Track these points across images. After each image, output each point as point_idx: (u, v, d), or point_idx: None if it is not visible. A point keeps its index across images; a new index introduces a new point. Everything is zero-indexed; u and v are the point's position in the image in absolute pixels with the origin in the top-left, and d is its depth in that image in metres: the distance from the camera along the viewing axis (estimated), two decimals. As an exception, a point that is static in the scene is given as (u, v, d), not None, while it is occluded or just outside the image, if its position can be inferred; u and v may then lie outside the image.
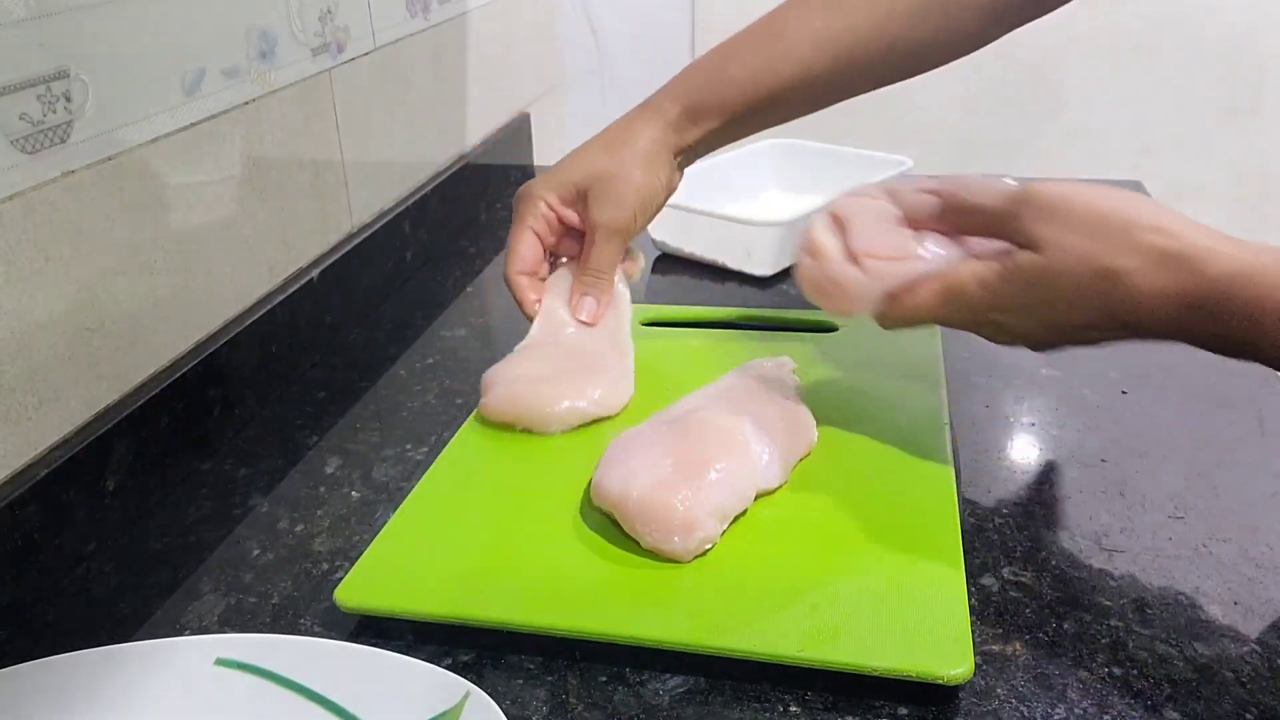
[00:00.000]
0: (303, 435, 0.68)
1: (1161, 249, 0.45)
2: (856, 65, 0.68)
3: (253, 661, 0.43)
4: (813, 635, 0.45)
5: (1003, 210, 0.49)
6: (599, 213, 0.66)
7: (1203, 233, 0.46)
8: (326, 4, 0.79)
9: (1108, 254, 0.46)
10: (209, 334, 0.68)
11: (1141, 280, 0.45)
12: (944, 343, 0.71)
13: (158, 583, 0.55)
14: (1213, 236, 0.45)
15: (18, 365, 0.53)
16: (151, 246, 0.62)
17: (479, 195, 1.08)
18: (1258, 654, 0.46)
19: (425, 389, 0.73)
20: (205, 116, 0.66)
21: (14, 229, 0.52)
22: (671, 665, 0.46)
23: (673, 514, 0.50)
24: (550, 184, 0.68)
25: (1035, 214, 0.48)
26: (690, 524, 0.50)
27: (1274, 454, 0.60)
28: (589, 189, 0.66)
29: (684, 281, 0.88)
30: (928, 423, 0.61)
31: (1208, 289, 0.44)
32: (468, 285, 0.91)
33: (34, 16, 0.52)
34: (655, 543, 0.50)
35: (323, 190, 0.80)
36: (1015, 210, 0.49)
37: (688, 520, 0.50)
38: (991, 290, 0.49)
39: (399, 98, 0.92)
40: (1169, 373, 0.69)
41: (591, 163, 0.67)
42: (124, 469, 0.58)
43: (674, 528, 0.50)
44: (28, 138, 0.52)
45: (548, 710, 0.45)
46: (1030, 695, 0.44)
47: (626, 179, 0.66)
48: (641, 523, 0.51)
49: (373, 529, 0.57)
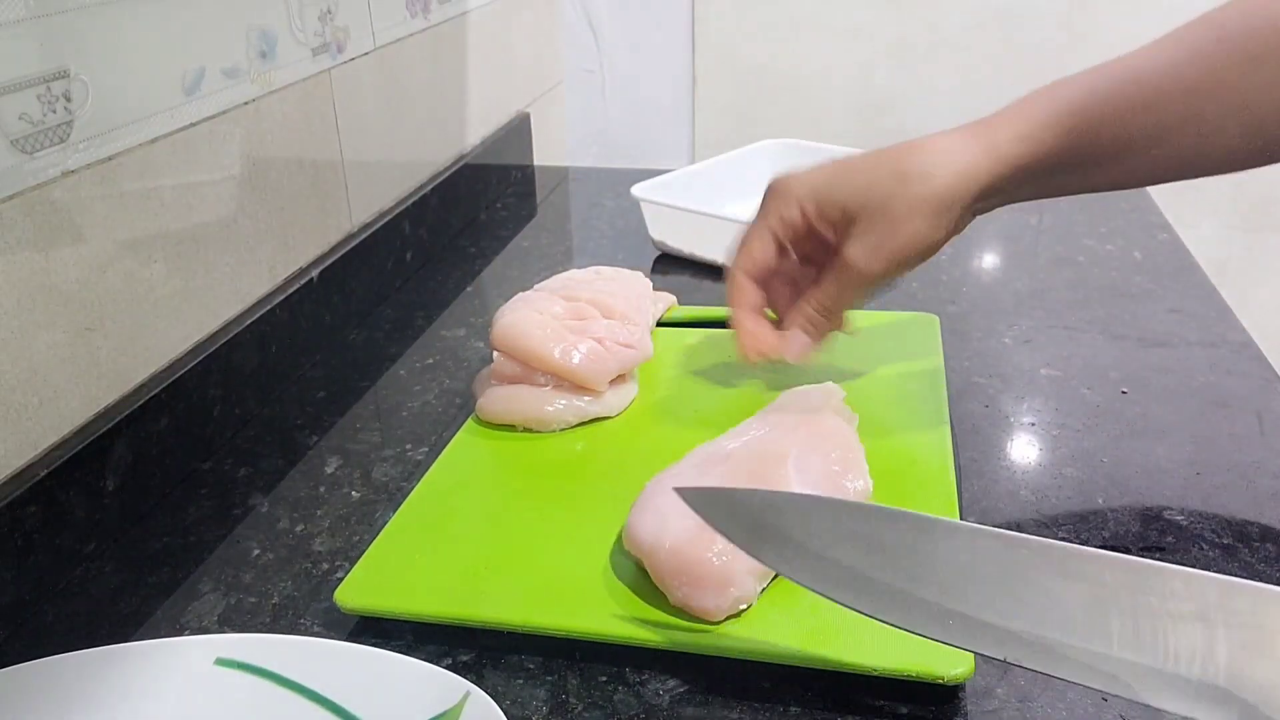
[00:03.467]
0: (303, 435, 0.68)
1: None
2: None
3: (253, 661, 0.43)
4: (813, 635, 0.45)
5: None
6: (858, 251, 0.54)
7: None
8: (326, 4, 0.79)
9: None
10: (209, 334, 0.68)
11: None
12: (944, 343, 0.71)
13: (158, 583, 0.55)
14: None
15: (18, 365, 0.53)
16: (151, 246, 0.62)
17: (479, 195, 1.08)
18: (1258, 654, 0.46)
19: (425, 389, 0.73)
20: (205, 116, 0.66)
21: (14, 229, 0.52)
22: (671, 665, 0.46)
23: (707, 570, 0.45)
24: (814, 190, 0.56)
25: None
26: (725, 581, 0.45)
27: (1274, 454, 0.60)
28: (857, 216, 0.54)
29: (684, 281, 0.88)
30: (928, 422, 0.61)
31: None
32: (468, 285, 0.91)
33: (34, 16, 0.52)
34: (684, 599, 0.46)
35: (323, 190, 0.80)
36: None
37: (723, 577, 0.45)
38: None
39: (399, 98, 0.92)
40: (1169, 373, 0.69)
41: (869, 185, 0.54)
42: (124, 469, 0.58)
43: (707, 584, 0.45)
44: (28, 138, 0.52)
45: (548, 710, 0.45)
46: (1030, 695, 0.44)
47: (904, 222, 0.53)
48: (672, 576, 0.46)
49: (373, 529, 0.57)
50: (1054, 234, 0.94)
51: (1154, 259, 0.88)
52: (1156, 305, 0.79)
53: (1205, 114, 0.51)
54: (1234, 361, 0.70)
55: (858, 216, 0.54)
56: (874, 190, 0.54)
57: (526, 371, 0.63)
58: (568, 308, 0.67)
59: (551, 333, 0.63)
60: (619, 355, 0.64)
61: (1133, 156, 0.53)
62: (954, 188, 0.53)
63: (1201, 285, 0.82)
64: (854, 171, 0.55)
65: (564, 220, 1.09)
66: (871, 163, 0.55)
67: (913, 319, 0.74)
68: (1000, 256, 0.91)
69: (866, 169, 0.55)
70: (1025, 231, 0.95)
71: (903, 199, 0.53)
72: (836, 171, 0.56)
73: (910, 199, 0.52)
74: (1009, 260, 0.90)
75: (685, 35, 1.43)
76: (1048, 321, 0.77)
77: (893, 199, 0.53)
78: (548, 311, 0.66)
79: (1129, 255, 0.89)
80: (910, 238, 0.53)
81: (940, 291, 0.83)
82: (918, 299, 0.82)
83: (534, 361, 0.63)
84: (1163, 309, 0.78)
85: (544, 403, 0.63)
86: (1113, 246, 0.90)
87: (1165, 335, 0.74)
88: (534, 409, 0.63)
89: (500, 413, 0.63)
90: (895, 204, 0.53)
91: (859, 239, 0.54)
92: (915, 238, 0.53)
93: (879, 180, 0.54)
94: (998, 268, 0.89)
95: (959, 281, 0.85)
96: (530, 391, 0.63)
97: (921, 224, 0.53)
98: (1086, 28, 1.32)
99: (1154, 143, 0.52)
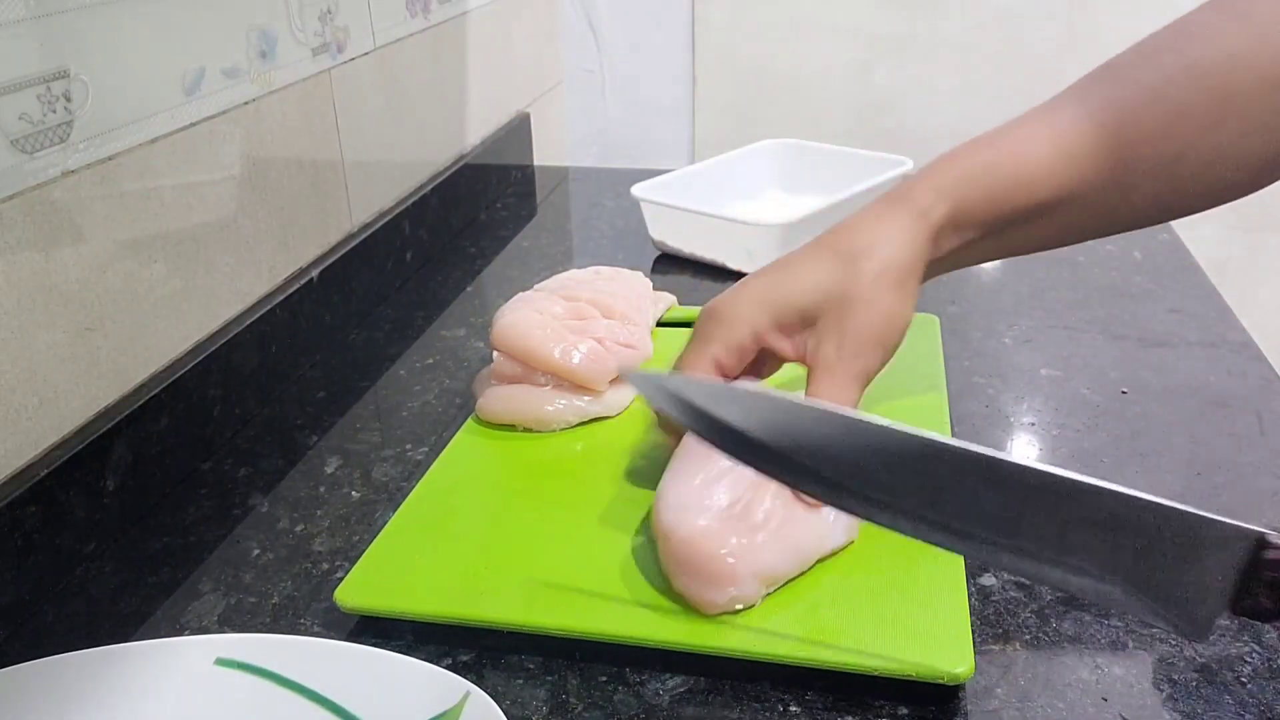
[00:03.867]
0: (303, 435, 0.68)
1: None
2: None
3: (253, 661, 0.43)
4: (813, 635, 0.45)
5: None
6: (832, 349, 0.50)
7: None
8: (326, 4, 0.79)
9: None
10: (209, 334, 0.68)
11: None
12: (944, 343, 0.71)
13: (158, 583, 0.55)
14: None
15: (18, 365, 0.53)
16: (151, 246, 0.62)
17: (479, 195, 1.08)
18: (1258, 654, 0.46)
19: (425, 389, 0.73)
20: (205, 116, 0.66)
21: (14, 229, 0.52)
22: (671, 665, 0.46)
23: (715, 567, 0.45)
24: (761, 306, 0.52)
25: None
26: (730, 580, 0.45)
27: (1274, 454, 0.60)
28: (818, 314, 0.50)
29: (684, 281, 0.88)
30: (928, 422, 0.61)
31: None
32: (468, 285, 0.91)
33: (34, 16, 0.52)
34: (685, 587, 0.47)
35: (323, 190, 0.80)
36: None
37: (729, 576, 0.45)
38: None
39: (399, 98, 0.92)
40: (1169, 373, 0.69)
41: (820, 280, 0.50)
42: (124, 469, 0.58)
43: (711, 580, 0.46)
44: (28, 138, 0.52)
45: (548, 710, 0.45)
46: (1030, 695, 0.44)
47: (870, 307, 0.50)
48: (679, 564, 0.47)
49: (373, 529, 0.57)
50: (1054, 234, 0.94)
51: (1154, 259, 0.88)
52: (1156, 305, 0.79)
53: (1146, 166, 0.50)
54: (1234, 361, 0.70)
55: (819, 314, 0.50)
56: (829, 283, 0.50)
57: (526, 371, 0.63)
58: (568, 308, 0.67)
59: (551, 333, 0.63)
60: (619, 355, 0.64)
61: (1076, 208, 0.51)
62: (904, 255, 0.50)
63: (1201, 285, 0.82)
64: (799, 271, 0.52)
65: (564, 220, 1.09)
66: (812, 257, 0.52)
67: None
68: (1000, 256, 0.91)
69: (810, 264, 0.51)
70: (1025, 231, 0.95)
71: (860, 280, 0.50)
72: (778, 277, 0.52)
73: (868, 278, 0.50)
74: (1009, 260, 0.90)
75: (685, 35, 1.43)
76: (1048, 321, 0.77)
77: (851, 284, 0.50)
78: (548, 311, 0.66)
79: (1129, 255, 0.89)
80: (881, 317, 0.50)
81: (940, 291, 0.83)
82: (918, 299, 0.82)
83: (534, 361, 0.63)
84: (1163, 309, 0.78)
85: (544, 403, 0.63)
86: (1113, 246, 0.90)
87: (1165, 335, 0.74)
88: (534, 409, 0.63)
89: (500, 413, 0.63)
90: (855, 288, 0.50)
91: (833, 338, 0.50)
92: (886, 316, 0.50)
93: (829, 273, 0.50)
94: (998, 268, 0.89)
95: (959, 281, 0.85)
96: (530, 391, 0.63)
97: (888, 299, 0.50)
98: (1086, 28, 1.32)
99: (1096, 196, 0.51)
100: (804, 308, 0.51)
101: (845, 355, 0.50)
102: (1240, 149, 0.49)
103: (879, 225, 0.51)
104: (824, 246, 0.52)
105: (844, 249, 0.51)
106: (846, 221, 0.52)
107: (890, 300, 0.50)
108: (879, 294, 0.50)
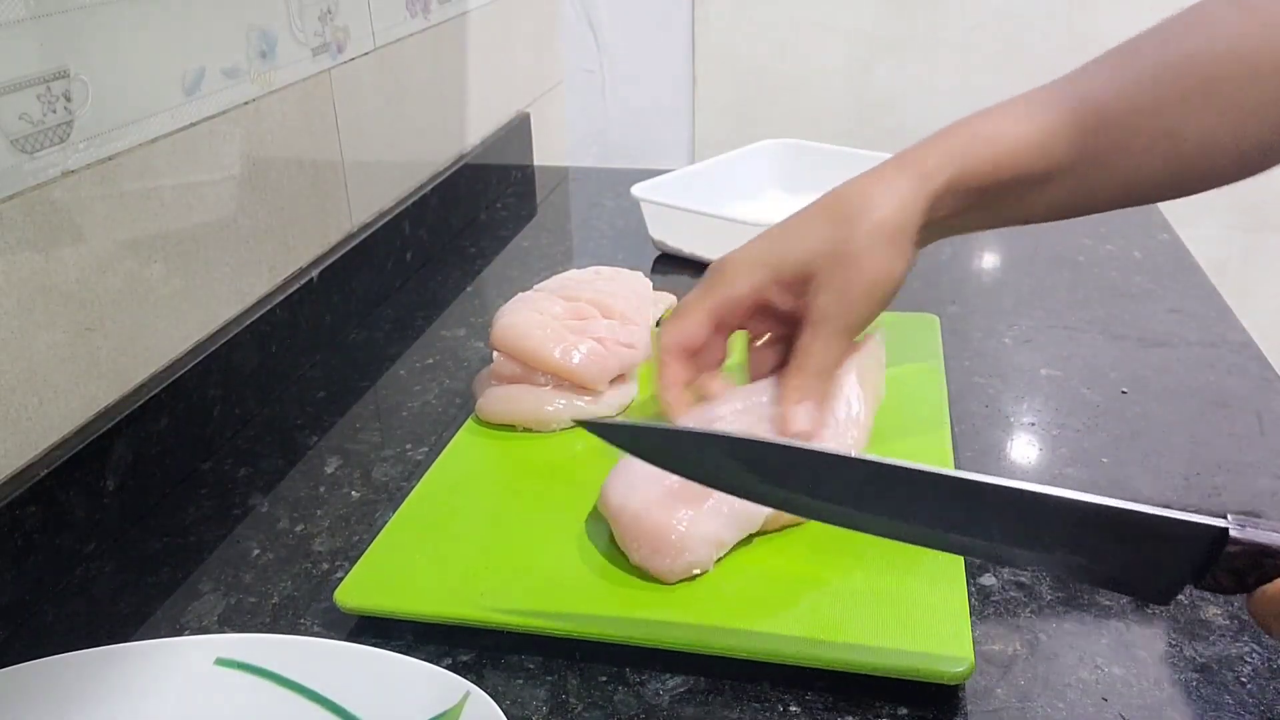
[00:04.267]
0: (303, 435, 0.68)
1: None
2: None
3: (253, 661, 0.43)
4: (813, 635, 0.45)
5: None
6: (828, 303, 0.52)
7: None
8: (326, 4, 0.79)
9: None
10: (209, 334, 0.68)
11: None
12: (944, 343, 0.71)
13: (158, 583, 0.55)
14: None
15: (18, 365, 0.53)
16: (151, 246, 0.62)
17: (479, 195, 1.08)
18: (1258, 654, 0.46)
19: (425, 389, 0.73)
20: (205, 116, 0.66)
21: (14, 229, 0.52)
22: (671, 665, 0.46)
23: (665, 534, 0.48)
24: (762, 260, 0.55)
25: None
26: (682, 548, 0.48)
27: (1274, 454, 0.60)
28: (815, 270, 0.53)
29: (684, 281, 0.88)
30: (928, 422, 0.61)
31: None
32: (468, 285, 0.91)
33: (34, 16, 0.52)
34: (643, 560, 0.49)
35: (323, 190, 0.80)
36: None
37: (681, 544, 0.48)
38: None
39: (399, 98, 0.92)
40: (1169, 373, 0.69)
41: (816, 238, 0.53)
42: (124, 469, 0.58)
43: (666, 549, 0.48)
44: (28, 138, 0.52)
45: (548, 710, 0.45)
46: (1030, 695, 0.44)
47: (863, 259, 0.52)
48: (632, 538, 0.49)
49: (373, 529, 0.57)
50: (1054, 234, 0.94)
51: (1154, 259, 0.88)
52: (1156, 305, 0.79)
53: (1129, 146, 0.51)
54: (1234, 361, 0.70)
55: (816, 270, 0.53)
56: (824, 241, 0.53)
57: (526, 371, 0.63)
58: (568, 308, 0.67)
59: (551, 333, 0.63)
60: (619, 355, 0.64)
61: (1058, 185, 0.52)
62: (899, 215, 0.52)
63: (1201, 285, 0.82)
64: (797, 231, 0.54)
65: (564, 220, 1.09)
66: (810, 217, 0.54)
67: (913, 319, 0.74)
68: (1000, 256, 0.91)
69: (808, 224, 0.54)
70: (1025, 232, 0.95)
71: (855, 238, 0.52)
72: (778, 237, 0.55)
73: (862, 236, 0.52)
74: (1009, 260, 0.90)
75: (685, 35, 1.43)
76: (1048, 321, 0.77)
77: (845, 241, 0.52)
78: (548, 311, 0.66)
79: (1129, 255, 0.89)
80: (873, 273, 0.52)
81: (940, 291, 0.83)
82: (918, 299, 0.82)
83: (534, 361, 0.63)
84: (1163, 309, 0.78)
85: (544, 403, 0.63)
86: (1113, 246, 0.90)
87: (1165, 335, 0.74)
88: (534, 409, 0.63)
89: (500, 413, 0.63)
90: (850, 245, 0.52)
91: (825, 292, 0.53)
92: (878, 272, 0.52)
93: (825, 231, 0.53)
94: (998, 268, 0.89)
95: (959, 281, 0.85)
96: (530, 391, 0.63)
97: (880, 257, 0.52)
98: (1086, 28, 1.32)
99: (1077, 173, 0.52)
100: (802, 264, 0.53)
101: (836, 310, 0.52)
102: (1228, 135, 0.50)
103: (877, 186, 0.53)
104: (823, 206, 0.54)
105: (842, 208, 0.53)
106: (848, 182, 0.54)
107: (883, 258, 0.52)
108: (873, 251, 0.52)
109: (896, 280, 0.53)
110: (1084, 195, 0.54)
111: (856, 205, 0.53)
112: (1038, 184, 0.52)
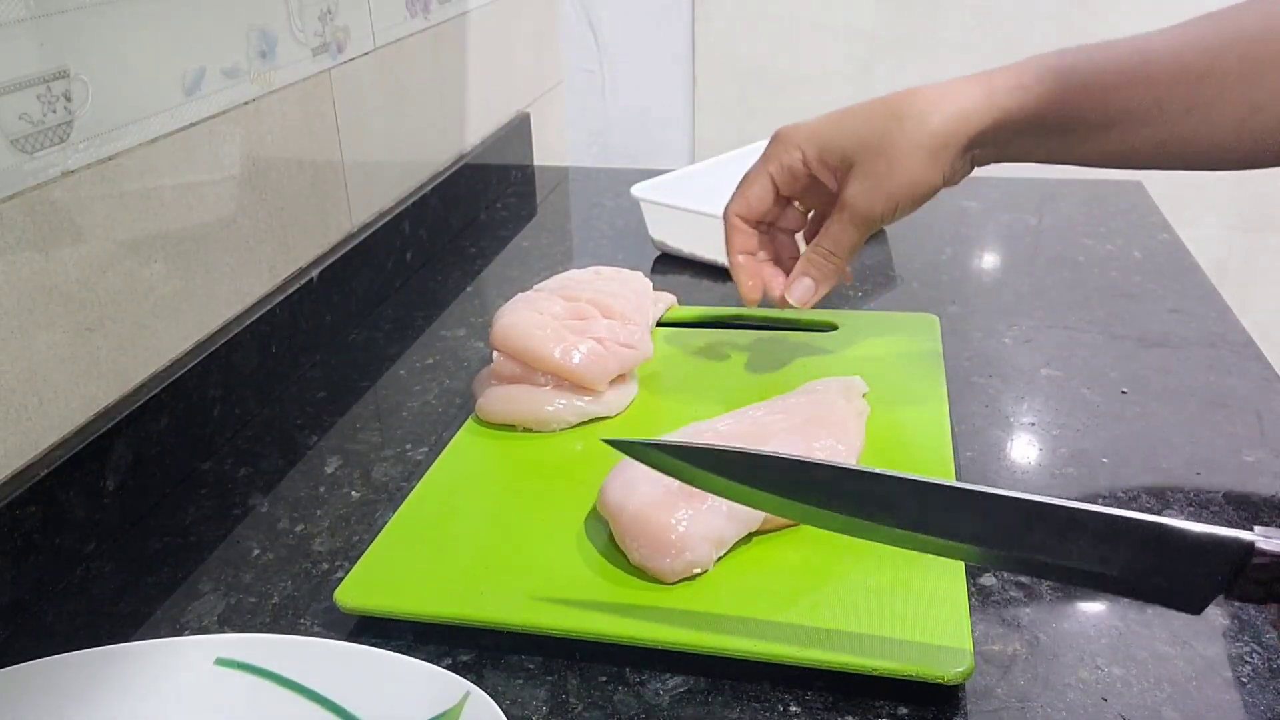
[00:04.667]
0: (303, 435, 0.68)
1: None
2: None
3: (253, 661, 0.43)
4: (813, 635, 0.45)
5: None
6: (857, 192, 0.56)
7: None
8: (326, 4, 0.79)
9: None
10: (209, 334, 0.68)
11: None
12: (944, 343, 0.71)
13: (158, 583, 0.55)
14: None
15: (18, 365, 0.53)
16: (151, 246, 0.62)
17: (479, 195, 1.08)
18: (1258, 654, 0.46)
19: (425, 389, 0.73)
20: (205, 116, 0.66)
21: (14, 229, 0.52)
22: (671, 665, 0.46)
23: (665, 533, 0.48)
24: (815, 139, 0.58)
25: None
26: (681, 546, 0.48)
27: (1274, 454, 0.60)
28: (856, 159, 0.56)
29: (684, 281, 0.88)
30: (927, 422, 0.61)
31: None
32: (468, 285, 0.91)
33: (34, 16, 0.52)
34: (643, 560, 0.49)
35: (323, 190, 0.80)
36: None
37: (680, 542, 0.48)
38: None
39: (399, 98, 0.92)
40: (1169, 372, 0.69)
41: (867, 129, 0.56)
42: (124, 469, 0.58)
43: (665, 548, 0.48)
44: (28, 138, 0.52)
45: (548, 710, 0.45)
46: (1030, 695, 0.44)
47: (901, 162, 0.55)
48: (631, 538, 0.49)
49: (373, 529, 0.57)
50: (1054, 234, 0.94)
51: (1154, 259, 0.88)
52: (1156, 305, 0.79)
53: (1200, 100, 0.52)
54: (1234, 361, 0.70)
55: (857, 159, 0.56)
56: (872, 133, 0.55)
57: (526, 371, 0.63)
58: (568, 308, 0.67)
59: (551, 333, 0.63)
60: (619, 355, 0.64)
61: (1121, 129, 0.54)
62: (949, 128, 0.54)
63: (1201, 285, 0.82)
64: (853, 117, 0.57)
65: (564, 220, 1.09)
66: (870, 108, 0.57)
67: (913, 319, 0.74)
68: (1000, 256, 0.91)
69: (865, 114, 0.57)
70: (1025, 231, 0.95)
71: (899, 140, 0.54)
72: (837, 118, 0.58)
73: (907, 139, 0.54)
74: (1009, 260, 0.90)
75: (685, 35, 1.43)
76: (1048, 321, 0.77)
77: (890, 140, 0.55)
78: (548, 311, 0.66)
79: (1129, 255, 0.89)
80: (907, 177, 0.54)
81: (940, 291, 0.83)
82: (918, 299, 0.82)
83: (534, 361, 0.63)
84: (1163, 309, 0.78)
85: (544, 403, 0.63)
86: (1113, 246, 0.90)
87: (1165, 335, 0.74)
88: (534, 409, 0.63)
89: (500, 413, 0.63)
90: (892, 145, 0.54)
91: (858, 180, 0.56)
92: (912, 177, 0.54)
93: (876, 124, 0.56)
94: (998, 268, 0.89)
95: (959, 281, 0.85)
96: (530, 391, 0.63)
97: (917, 164, 0.54)
98: (1086, 28, 1.32)
99: (1143, 120, 0.53)
100: (845, 149, 0.57)
101: (863, 201, 0.56)
102: (1265, 115, 0.51)
103: (942, 94, 0.55)
104: (885, 101, 0.57)
105: (901, 107, 0.56)
106: (917, 87, 0.56)
107: (920, 164, 0.54)
108: (913, 155, 0.54)
109: (928, 189, 0.55)
110: (1151, 147, 0.54)
111: (916, 108, 0.55)
112: (1118, 123, 0.54)
